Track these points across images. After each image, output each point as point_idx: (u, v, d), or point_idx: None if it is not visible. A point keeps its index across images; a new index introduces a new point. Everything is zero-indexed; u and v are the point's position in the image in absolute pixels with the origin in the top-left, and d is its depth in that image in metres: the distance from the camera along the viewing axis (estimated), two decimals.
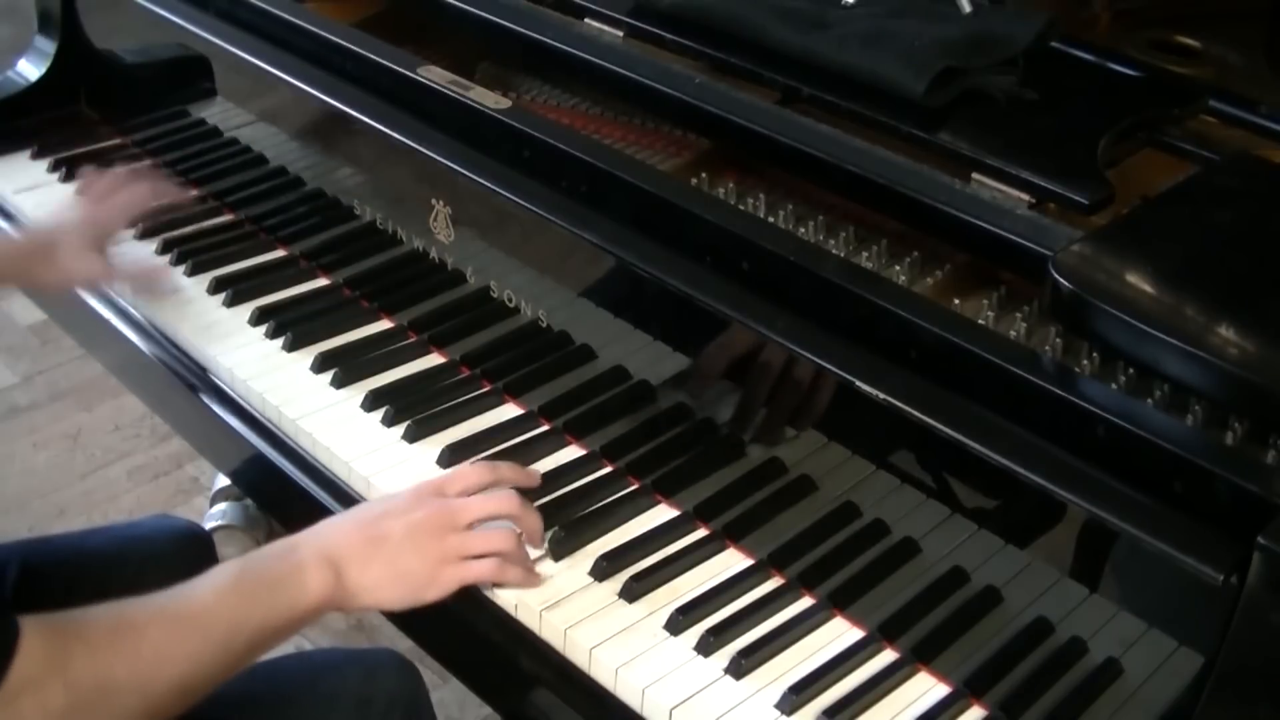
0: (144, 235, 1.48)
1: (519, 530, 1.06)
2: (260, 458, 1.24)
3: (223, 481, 2.22)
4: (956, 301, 1.06)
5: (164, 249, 1.45)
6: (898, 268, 1.10)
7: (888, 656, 1.00)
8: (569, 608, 1.03)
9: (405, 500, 1.04)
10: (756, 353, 1.03)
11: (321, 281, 1.41)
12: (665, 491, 1.13)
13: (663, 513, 1.12)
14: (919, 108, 1.10)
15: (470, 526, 1.03)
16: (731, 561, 1.08)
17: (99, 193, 1.39)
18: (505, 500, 1.06)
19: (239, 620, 0.93)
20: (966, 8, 1.19)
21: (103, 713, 0.86)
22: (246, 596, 0.94)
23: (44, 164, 1.61)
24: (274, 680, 1.12)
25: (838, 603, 1.03)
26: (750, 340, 1.03)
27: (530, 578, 1.05)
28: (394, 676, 1.14)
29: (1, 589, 1.17)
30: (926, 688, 0.98)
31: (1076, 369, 0.97)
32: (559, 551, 1.08)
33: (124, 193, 1.38)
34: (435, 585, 1.01)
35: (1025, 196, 1.04)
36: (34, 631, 0.82)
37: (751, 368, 1.04)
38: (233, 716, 1.06)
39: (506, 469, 1.10)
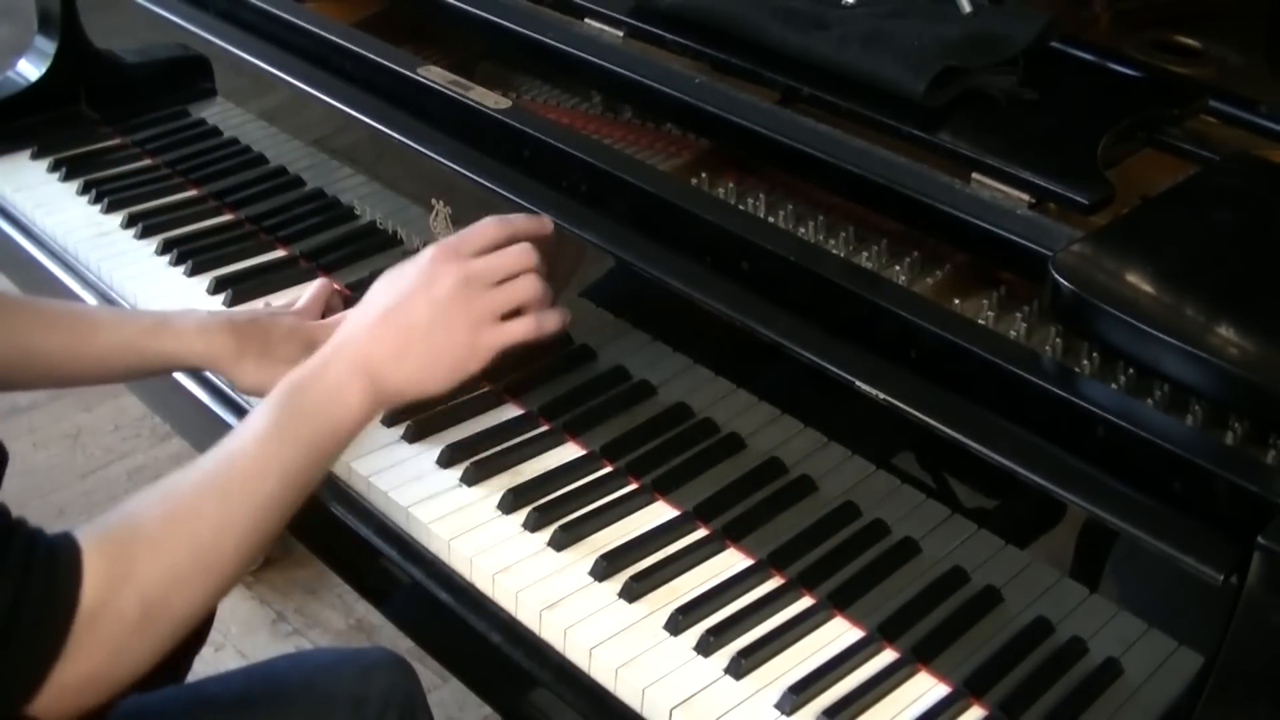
0: (144, 235, 1.47)
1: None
2: None
3: None
4: (956, 301, 1.06)
5: (164, 249, 1.45)
6: (898, 268, 1.10)
7: (888, 656, 1.00)
8: (569, 608, 1.03)
9: (423, 272, 1.00)
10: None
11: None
12: (665, 491, 1.13)
13: (663, 512, 1.12)
14: (919, 108, 1.10)
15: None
16: (731, 561, 1.08)
17: (318, 307, 1.26)
18: (523, 254, 1.03)
19: (288, 463, 0.91)
20: (966, 8, 1.19)
21: (178, 603, 0.86)
22: (290, 437, 0.92)
23: (44, 164, 1.61)
24: (269, 682, 1.12)
25: (838, 603, 1.03)
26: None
27: (564, 315, 1.05)
28: (389, 676, 1.14)
29: None
30: (926, 688, 0.98)
31: (1076, 369, 0.97)
32: (559, 550, 1.07)
33: (339, 317, 1.24)
34: (475, 354, 1.00)
35: (1025, 196, 1.04)
36: (93, 547, 0.82)
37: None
38: (229, 719, 1.07)
39: (520, 219, 1.06)
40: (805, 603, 1.04)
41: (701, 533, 1.10)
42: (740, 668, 0.98)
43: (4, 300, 1.14)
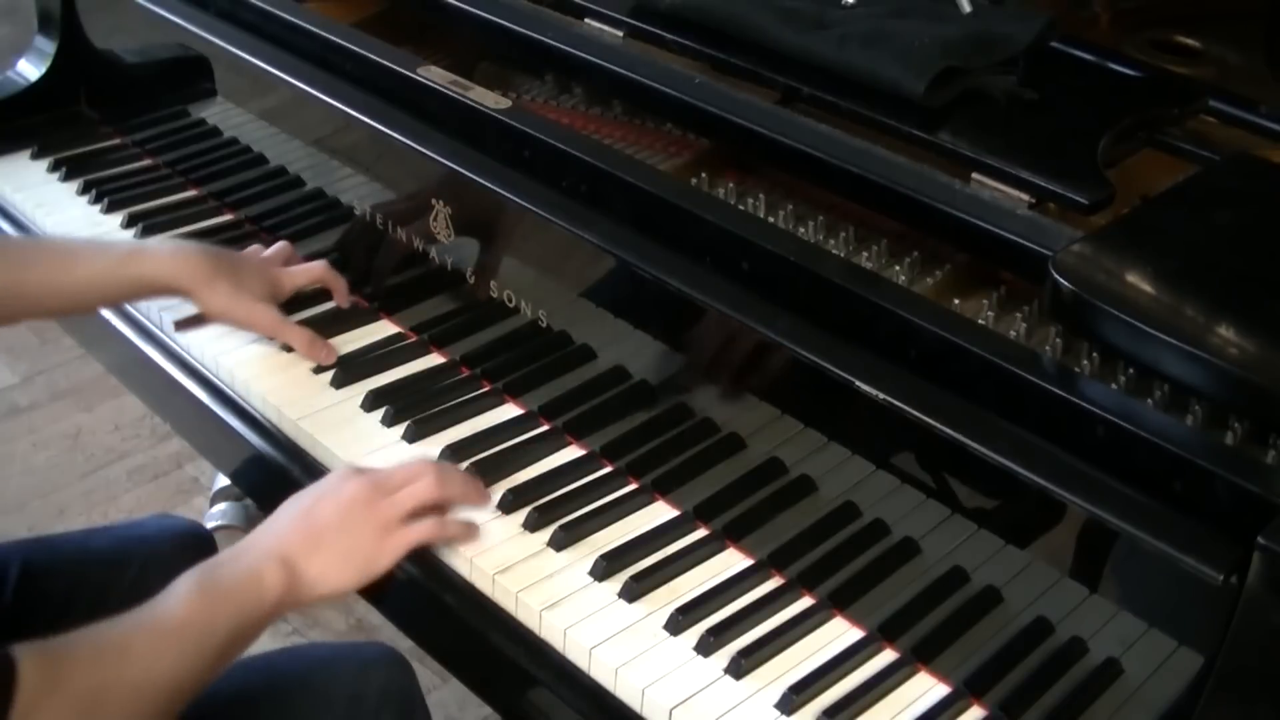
0: (144, 235, 1.47)
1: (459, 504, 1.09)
2: (260, 458, 1.24)
3: (223, 481, 2.23)
4: (956, 301, 1.06)
5: None
6: (898, 268, 1.10)
7: (888, 656, 1.00)
8: (569, 607, 1.03)
9: (332, 482, 1.05)
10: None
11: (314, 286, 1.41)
12: (665, 491, 1.13)
13: (663, 512, 1.12)
14: (919, 108, 1.10)
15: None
16: (731, 561, 1.08)
17: (282, 258, 1.34)
18: (423, 465, 1.08)
19: (209, 627, 0.94)
20: (966, 8, 1.20)
21: (104, 717, 0.88)
22: (210, 604, 0.95)
23: (44, 164, 1.61)
24: (268, 677, 1.12)
25: (838, 603, 1.03)
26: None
27: (470, 530, 1.08)
28: (386, 671, 1.14)
29: (2, 592, 1.18)
30: (926, 688, 0.98)
31: (1076, 369, 0.97)
32: (559, 550, 1.08)
33: (306, 266, 1.33)
34: (382, 555, 1.03)
35: (1025, 196, 1.04)
36: (28, 658, 0.84)
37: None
38: (226, 714, 1.07)
39: (457, 486, 1.10)
40: (805, 603, 1.04)
41: (701, 533, 1.10)
42: (740, 668, 0.98)
43: None
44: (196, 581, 0.96)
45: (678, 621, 1.01)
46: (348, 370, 1.27)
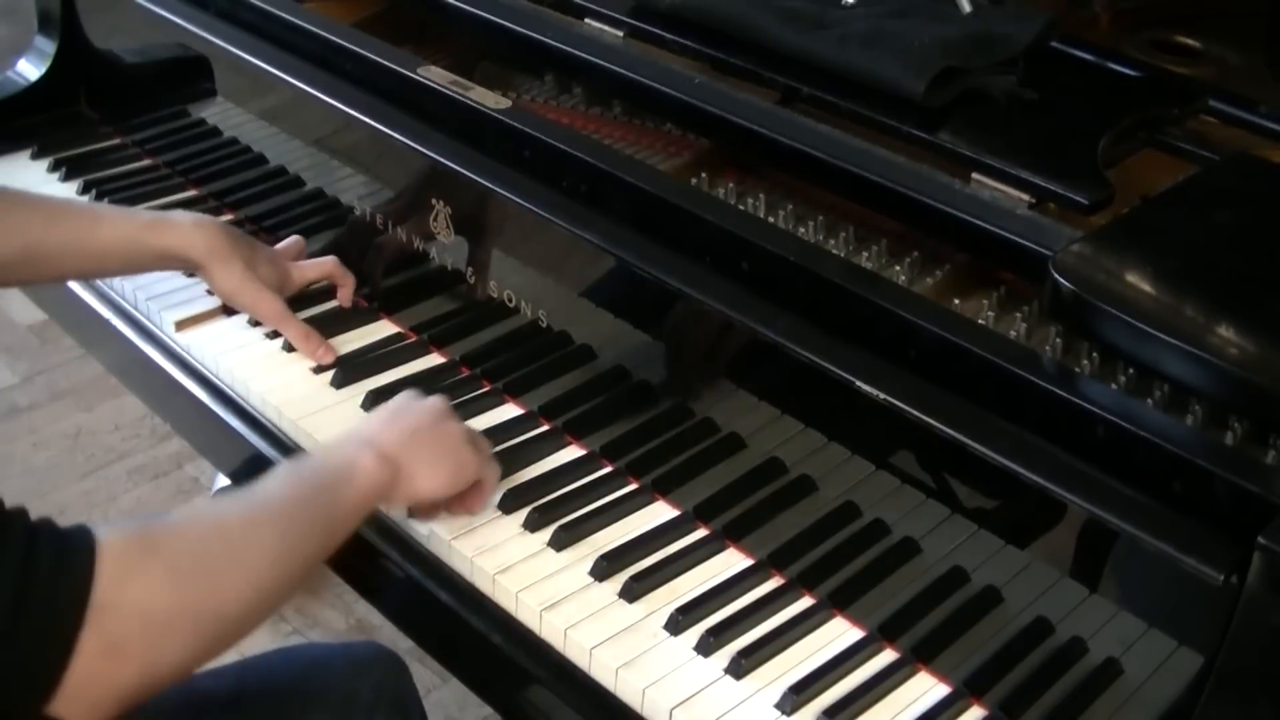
0: None
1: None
2: (260, 458, 1.24)
3: (223, 481, 2.22)
4: (956, 301, 1.06)
5: None
6: (898, 268, 1.10)
7: (888, 656, 1.00)
8: (569, 608, 1.03)
9: (409, 396, 1.09)
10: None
11: (321, 282, 1.41)
12: (665, 491, 1.13)
13: (662, 512, 1.12)
14: (919, 108, 1.10)
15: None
16: (731, 561, 1.08)
17: (294, 253, 1.37)
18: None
19: (310, 510, 0.94)
20: (966, 8, 1.20)
21: (192, 615, 0.83)
22: (310, 487, 0.95)
23: (44, 164, 1.61)
24: (262, 678, 1.12)
25: (838, 603, 1.03)
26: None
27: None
28: (380, 670, 1.14)
29: None
30: (926, 688, 0.98)
31: (1076, 369, 0.97)
32: (559, 550, 1.08)
33: (317, 261, 1.36)
34: (471, 462, 1.06)
35: (1025, 196, 1.04)
36: (111, 542, 0.80)
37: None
38: (221, 716, 1.06)
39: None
40: (805, 603, 1.04)
41: (701, 533, 1.10)
42: (740, 668, 0.98)
43: (6, 195, 1.19)
44: (294, 466, 0.97)
45: (678, 621, 1.01)
46: (348, 370, 1.27)
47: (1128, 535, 0.85)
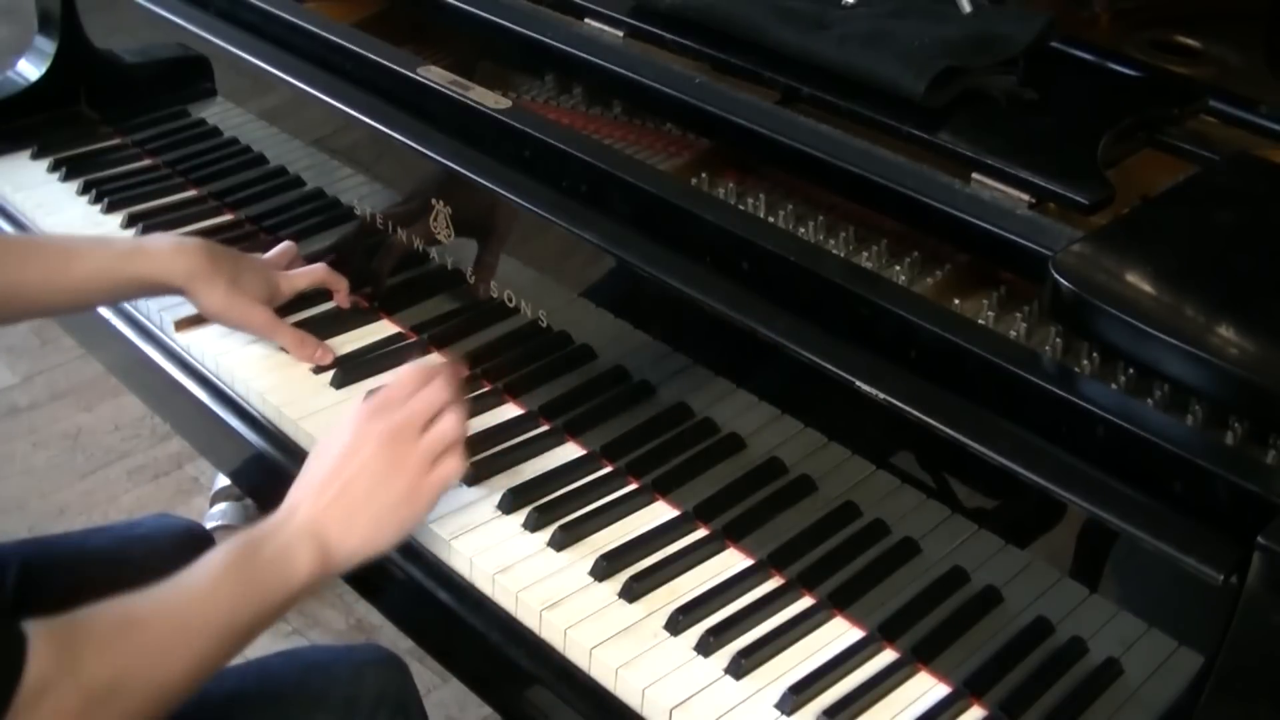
0: (144, 234, 1.47)
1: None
2: (260, 458, 1.24)
3: (223, 481, 2.23)
4: (956, 301, 1.06)
5: None
6: (898, 268, 1.10)
7: (888, 656, 1.00)
8: (569, 608, 1.03)
9: (351, 437, 1.02)
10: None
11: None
12: (665, 491, 1.13)
13: (662, 512, 1.12)
14: (919, 108, 1.10)
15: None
16: (731, 561, 1.08)
17: (285, 260, 1.35)
18: (437, 391, 1.05)
19: (237, 608, 0.93)
20: (966, 8, 1.20)
21: (116, 709, 0.86)
22: (241, 585, 0.94)
23: (44, 164, 1.61)
24: (262, 681, 1.12)
25: (838, 603, 1.03)
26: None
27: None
28: (381, 673, 1.14)
29: (2, 591, 1.17)
30: (926, 688, 0.98)
31: (1076, 369, 0.97)
32: (559, 550, 1.08)
33: (307, 269, 1.34)
34: (419, 504, 1.02)
35: (1025, 196, 1.04)
36: (40, 637, 0.82)
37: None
38: (221, 718, 1.06)
39: (434, 365, 1.08)
40: (805, 603, 1.04)
41: (701, 533, 1.10)
42: (740, 668, 0.98)
43: None
44: (225, 560, 0.94)
45: (678, 621, 1.01)
46: (348, 370, 1.27)
47: (1128, 535, 0.85)
